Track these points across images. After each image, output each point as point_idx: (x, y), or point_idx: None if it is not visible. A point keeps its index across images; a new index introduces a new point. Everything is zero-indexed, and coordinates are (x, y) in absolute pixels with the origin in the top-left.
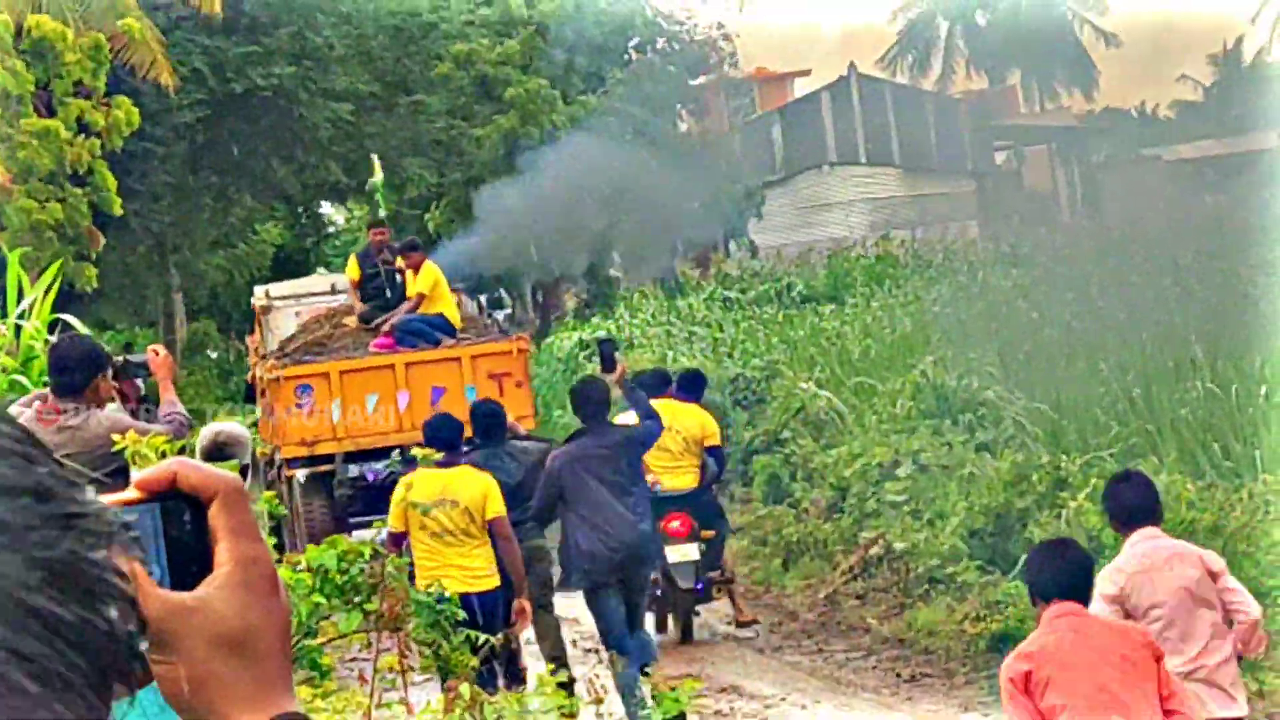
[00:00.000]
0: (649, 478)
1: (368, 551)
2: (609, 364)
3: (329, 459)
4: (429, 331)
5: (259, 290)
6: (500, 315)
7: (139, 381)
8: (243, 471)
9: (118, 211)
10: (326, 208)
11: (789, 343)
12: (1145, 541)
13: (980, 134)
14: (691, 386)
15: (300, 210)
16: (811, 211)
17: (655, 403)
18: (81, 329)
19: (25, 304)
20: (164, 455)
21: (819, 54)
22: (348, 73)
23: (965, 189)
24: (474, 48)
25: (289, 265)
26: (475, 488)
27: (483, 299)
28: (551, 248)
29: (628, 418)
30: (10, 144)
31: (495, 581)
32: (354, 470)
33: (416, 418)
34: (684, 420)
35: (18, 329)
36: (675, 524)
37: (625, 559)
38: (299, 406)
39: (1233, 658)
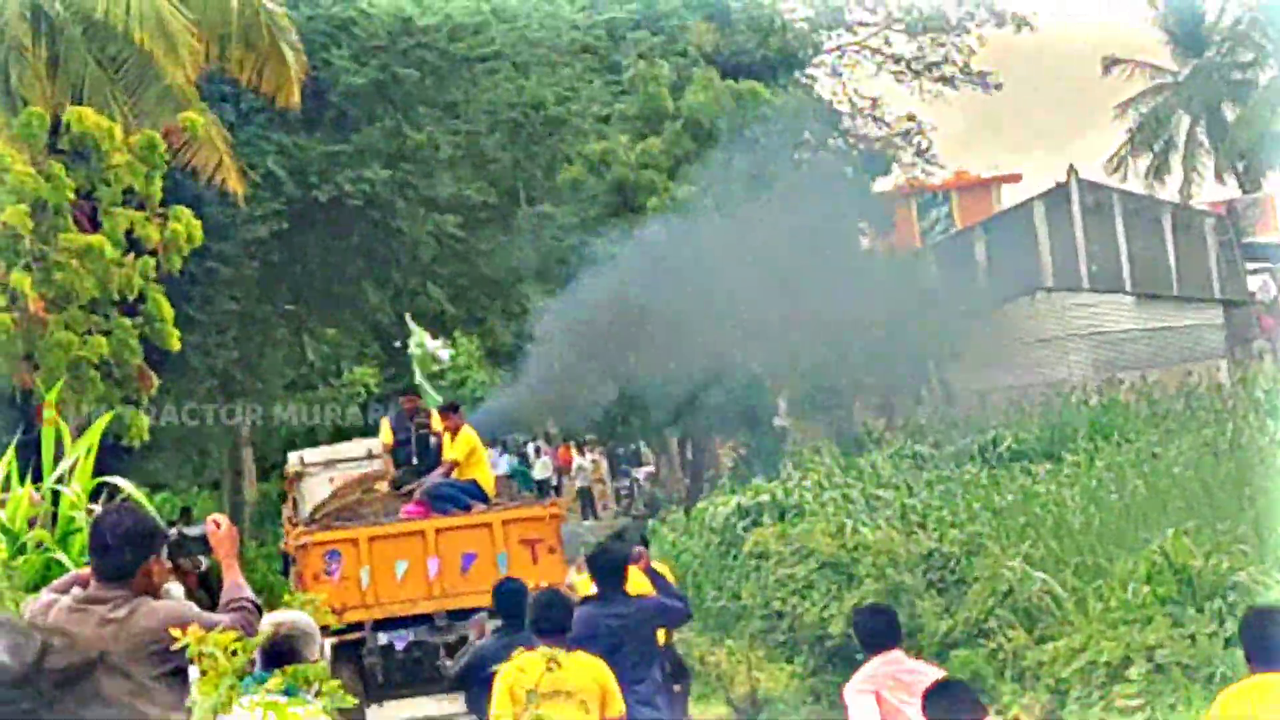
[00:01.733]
0: None
1: None
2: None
3: (359, 627)
4: (460, 497)
5: (292, 457)
6: (641, 474)
7: (200, 557)
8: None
9: (175, 346)
10: (429, 342)
11: (995, 510)
12: None
13: (1230, 253)
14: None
15: (396, 345)
16: (1023, 348)
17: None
18: (135, 494)
19: (65, 465)
20: (234, 654)
21: (1032, 155)
22: (455, 178)
23: (1212, 321)
24: (610, 147)
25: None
26: (590, 677)
27: (578, 454)
28: (697, 391)
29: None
30: (46, 264)
31: None
32: (384, 638)
33: (447, 584)
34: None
35: (54, 495)
36: None
37: None
38: (327, 574)
39: None
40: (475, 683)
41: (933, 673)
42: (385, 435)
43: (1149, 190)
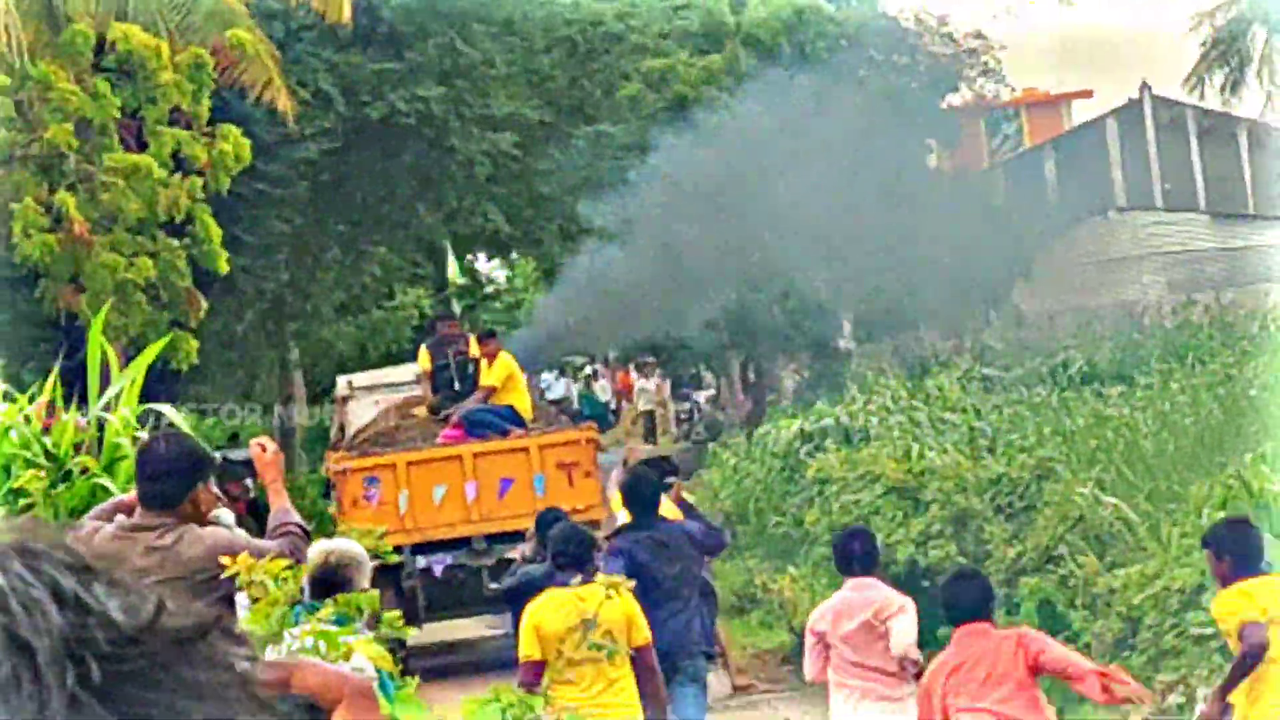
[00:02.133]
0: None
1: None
2: (654, 490)
3: (398, 551)
4: (497, 422)
5: (341, 380)
6: (701, 398)
7: (247, 482)
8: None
9: (223, 269)
10: (484, 263)
11: (1065, 435)
12: None
13: None
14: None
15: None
16: (1094, 269)
17: None
18: (180, 423)
19: (112, 391)
20: (284, 582)
21: (1103, 70)
22: (510, 96)
23: None
24: (670, 64)
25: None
26: (617, 608)
27: (593, 378)
28: (759, 312)
29: None
30: (91, 185)
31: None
32: (422, 562)
33: (485, 509)
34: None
35: (100, 421)
36: None
37: (672, 654)
38: (366, 499)
39: None
40: (521, 605)
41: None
42: (423, 361)
43: (1224, 107)
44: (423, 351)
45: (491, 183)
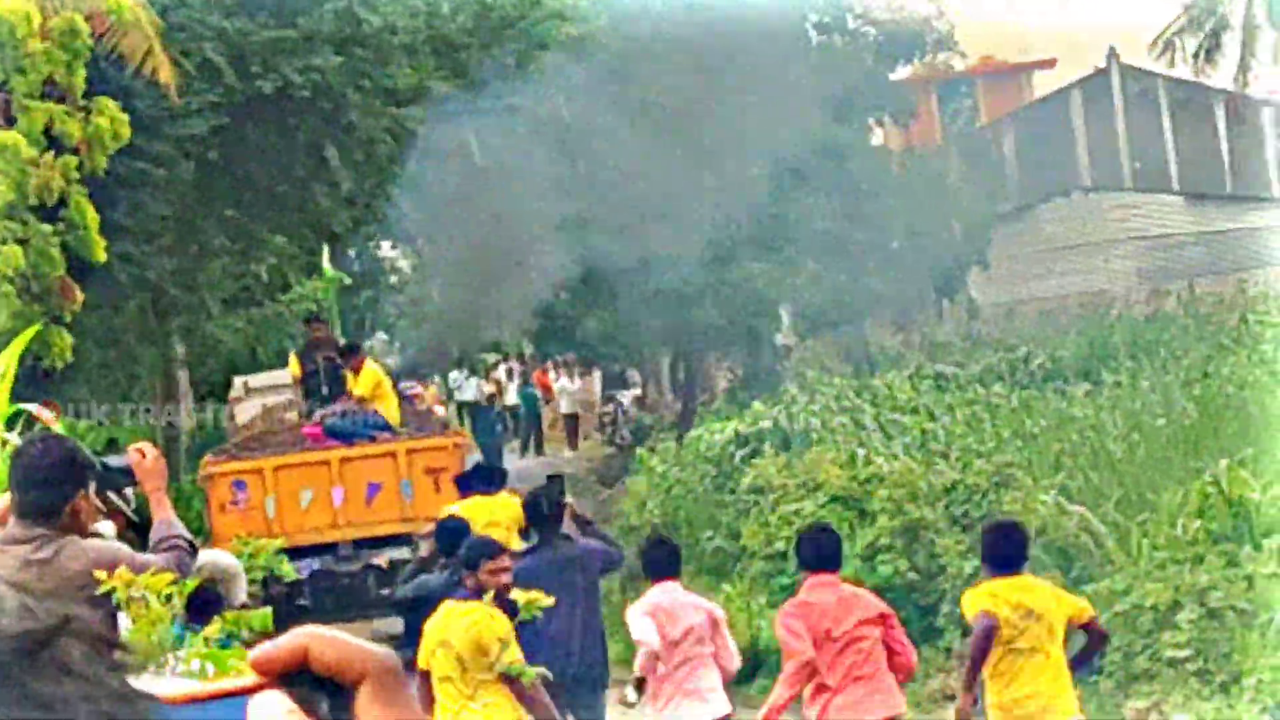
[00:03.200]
0: None
1: None
2: (555, 507)
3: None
4: (361, 430)
5: (237, 381)
6: (626, 398)
7: (127, 491)
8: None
9: (100, 257)
10: (388, 249)
11: (1026, 438)
12: None
13: None
14: (488, 479)
15: (352, 255)
16: (1056, 255)
17: (466, 503)
18: (54, 426)
19: None
20: (168, 599)
21: (1066, 38)
22: (415, 66)
23: (1270, 223)
24: (592, 31)
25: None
26: (473, 624)
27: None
28: (689, 304)
29: None
30: None
31: None
32: (293, 565)
33: (352, 514)
34: (505, 511)
35: None
36: None
37: (572, 678)
38: (234, 503)
39: None
40: (416, 614)
41: (703, 603)
42: (293, 367)
43: (1199, 76)
44: (292, 358)
45: (394, 163)
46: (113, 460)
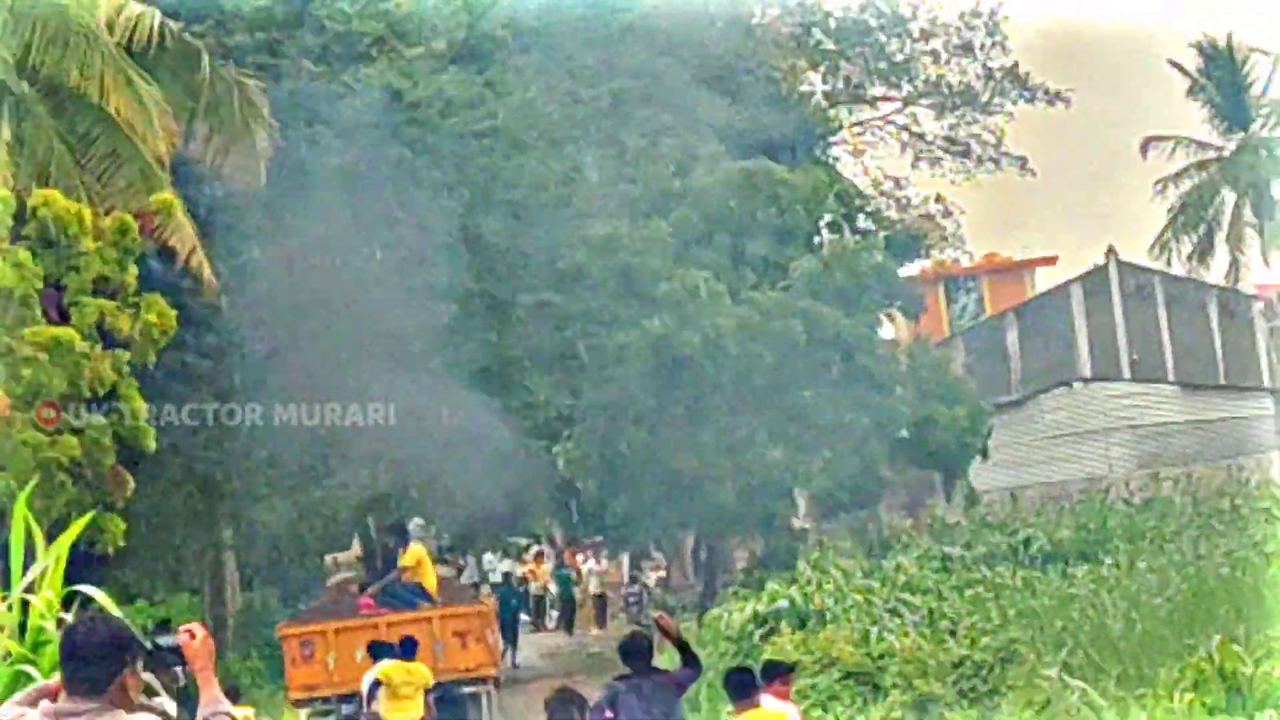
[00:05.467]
0: None
1: None
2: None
3: (326, 700)
4: (407, 597)
5: (328, 558)
6: (651, 578)
7: (177, 670)
8: None
9: (150, 446)
10: None
11: (1029, 616)
12: None
13: None
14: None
15: None
16: (1058, 442)
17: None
18: (107, 604)
19: (35, 571)
20: None
21: (1068, 237)
22: (450, 262)
23: (1261, 411)
24: (613, 231)
25: (383, 513)
26: None
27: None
28: (711, 490)
29: None
30: (11, 359)
31: None
32: (346, 709)
33: None
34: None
35: (24, 604)
36: None
37: None
38: (304, 658)
39: None
40: None
41: None
42: (355, 548)
43: (1192, 273)
44: (355, 538)
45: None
46: (164, 640)
